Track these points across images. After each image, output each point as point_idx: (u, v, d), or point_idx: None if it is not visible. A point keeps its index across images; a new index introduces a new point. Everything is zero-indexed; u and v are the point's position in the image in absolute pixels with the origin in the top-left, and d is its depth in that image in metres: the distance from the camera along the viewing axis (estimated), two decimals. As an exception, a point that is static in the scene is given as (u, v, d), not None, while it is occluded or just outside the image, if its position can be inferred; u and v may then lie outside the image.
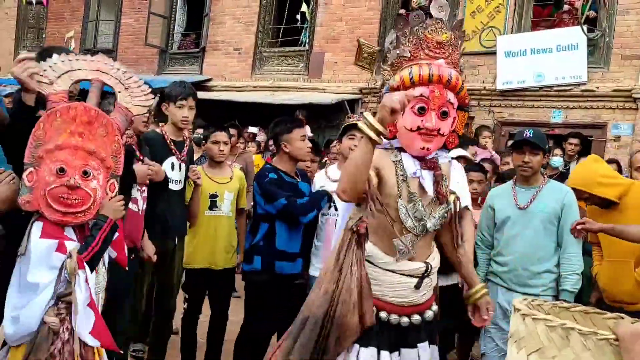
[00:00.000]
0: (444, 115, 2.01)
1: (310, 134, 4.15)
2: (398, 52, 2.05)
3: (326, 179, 3.45)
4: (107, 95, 2.32)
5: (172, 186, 3.30)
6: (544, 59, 8.14)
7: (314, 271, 3.34)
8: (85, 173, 1.88)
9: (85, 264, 1.85)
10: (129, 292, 2.93)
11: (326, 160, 5.13)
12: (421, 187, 2.05)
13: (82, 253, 1.86)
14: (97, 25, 13.06)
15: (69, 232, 1.92)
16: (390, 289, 2.03)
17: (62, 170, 1.85)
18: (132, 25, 12.54)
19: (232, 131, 4.44)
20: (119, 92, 2.09)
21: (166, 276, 3.41)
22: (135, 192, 2.89)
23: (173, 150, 3.31)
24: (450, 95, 2.02)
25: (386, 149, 2.08)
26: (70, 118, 1.90)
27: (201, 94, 3.58)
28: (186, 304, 3.54)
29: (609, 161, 5.73)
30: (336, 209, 3.31)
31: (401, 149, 2.09)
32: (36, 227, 1.85)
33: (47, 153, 1.86)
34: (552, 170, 5.89)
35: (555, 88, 8.09)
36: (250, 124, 8.68)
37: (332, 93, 9.65)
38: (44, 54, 2.17)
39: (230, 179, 3.57)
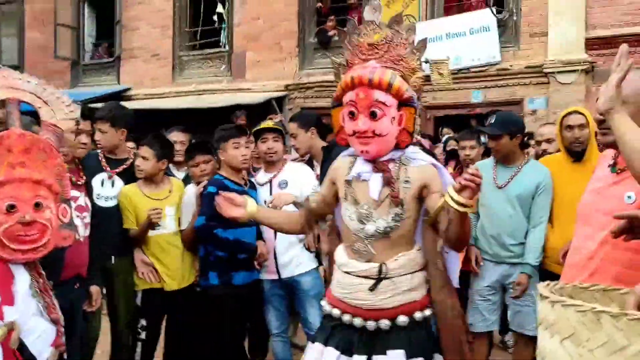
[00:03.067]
0: (373, 115, 1.98)
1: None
2: (339, 61, 2.09)
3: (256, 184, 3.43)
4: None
5: (102, 203, 3.16)
6: (459, 42, 8.45)
7: (262, 274, 3.33)
8: (37, 205, 1.75)
9: None
10: (76, 319, 2.76)
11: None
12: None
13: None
14: (-2, 40, 12.28)
15: (19, 270, 1.77)
16: (349, 292, 2.04)
17: (12, 207, 1.71)
18: (38, 39, 11.88)
19: None
20: (39, 107, 1.94)
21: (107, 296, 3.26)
22: (75, 219, 2.71)
23: (104, 167, 3.23)
24: (379, 94, 1.96)
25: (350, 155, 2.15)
26: (5, 149, 1.75)
27: (122, 104, 3.44)
28: (144, 332, 3.28)
29: (528, 135, 6.05)
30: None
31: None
32: None
33: None
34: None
35: (472, 69, 8.43)
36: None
37: (259, 92, 9.58)
38: None
39: (170, 192, 3.37)
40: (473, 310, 3.29)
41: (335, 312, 2.08)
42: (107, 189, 3.22)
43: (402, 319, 1.99)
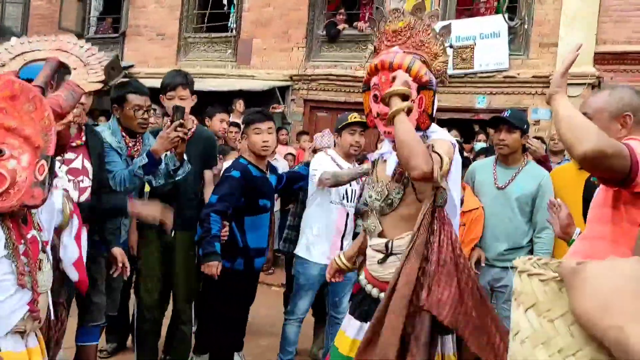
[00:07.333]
0: None
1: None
2: (370, 48, 2.29)
3: (334, 165, 3.40)
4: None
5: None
6: (468, 47, 8.39)
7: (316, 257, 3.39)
8: None
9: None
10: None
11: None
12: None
13: None
14: (3, 7, 12.11)
15: None
16: (369, 264, 2.21)
17: None
18: (43, 8, 11.74)
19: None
20: (74, 69, 1.92)
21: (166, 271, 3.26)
22: (66, 183, 2.62)
23: None
24: None
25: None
26: None
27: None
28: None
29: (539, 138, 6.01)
30: (349, 201, 3.40)
31: None
32: None
33: None
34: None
35: (479, 75, 8.38)
36: (177, 111, 8.38)
37: (262, 80, 9.49)
38: None
39: None
40: None
41: (363, 281, 2.24)
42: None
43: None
